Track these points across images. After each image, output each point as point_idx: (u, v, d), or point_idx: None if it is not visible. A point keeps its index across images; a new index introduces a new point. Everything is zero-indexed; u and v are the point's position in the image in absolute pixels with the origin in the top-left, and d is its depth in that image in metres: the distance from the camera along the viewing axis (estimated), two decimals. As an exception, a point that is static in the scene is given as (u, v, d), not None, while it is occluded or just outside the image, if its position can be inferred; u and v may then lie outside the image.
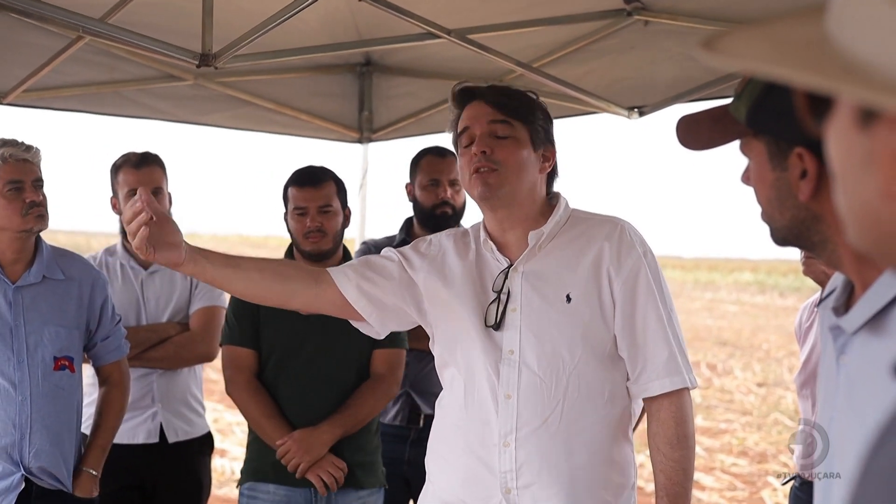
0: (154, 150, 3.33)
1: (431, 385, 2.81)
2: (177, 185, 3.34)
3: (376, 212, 4.86)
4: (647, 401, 2.03)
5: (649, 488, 6.20)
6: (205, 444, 3.40)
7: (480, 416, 2.02)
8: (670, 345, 1.99)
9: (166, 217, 1.84)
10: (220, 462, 7.13)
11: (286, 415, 2.81)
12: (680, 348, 2.01)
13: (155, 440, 3.22)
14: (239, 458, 6.99)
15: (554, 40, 3.50)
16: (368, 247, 3.34)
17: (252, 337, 2.85)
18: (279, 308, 2.23)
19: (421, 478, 2.20)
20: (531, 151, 2.03)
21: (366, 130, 4.44)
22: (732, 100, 1.12)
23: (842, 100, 0.70)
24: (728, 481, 7.30)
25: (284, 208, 2.95)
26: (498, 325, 2.01)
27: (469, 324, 2.03)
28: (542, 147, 2.05)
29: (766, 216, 1.11)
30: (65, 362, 2.69)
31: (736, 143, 1.14)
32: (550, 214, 2.05)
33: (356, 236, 4.31)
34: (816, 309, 3.11)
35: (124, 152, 3.33)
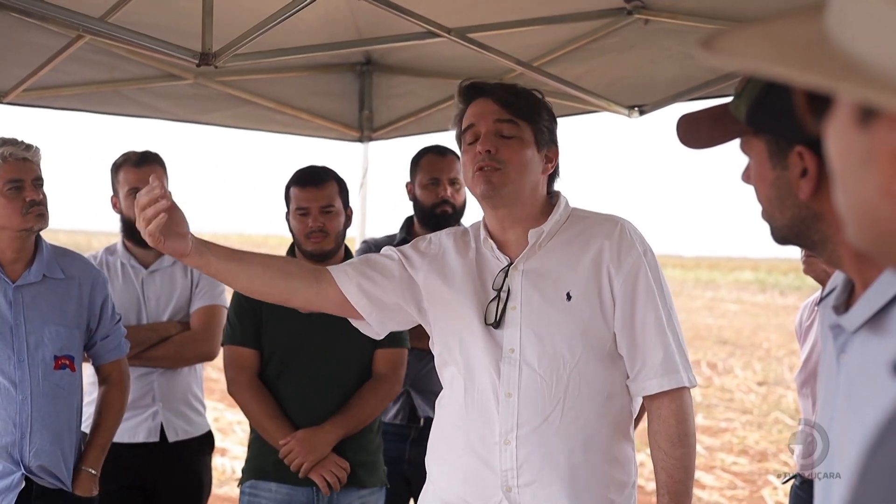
0: (154, 149, 3.34)
1: (431, 384, 2.81)
2: (177, 185, 3.34)
3: (377, 211, 4.87)
4: (646, 399, 2.03)
5: (649, 487, 6.21)
6: (205, 443, 3.40)
7: (481, 415, 2.01)
8: (669, 343, 1.99)
9: (176, 207, 1.84)
10: (220, 461, 7.13)
11: (288, 414, 2.81)
12: (679, 347, 2.01)
13: (155, 439, 3.22)
14: (239, 458, 6.99)
15: (554, 39, 3.50)
16: (369, 245, 3.34)
17: (254, 337, 2.85)
18: (281, 307, 2.23)
19: (421, 477, 2.20)
20: (535, 152, 2.03)
21: (366, 129, 4.44)
22: (733, 98, 1.12)
23: (841, 99, 0.69)
24: (728, 480, 7.30)
25: (286, 208, 2.95)
26: (498, 324, 2.01)
27: (470, 322, 2.03)
28: (546, 148, 2.05)
29: (766, 215, 1.11)
30: (65, 361, 2.69)
31: (736, 141, 1.14)
32: (550, 213, 2.05)
33: (357, 235, 4.30)
34: (817, 308, 3.11)
35: (125, 151, 3.34)
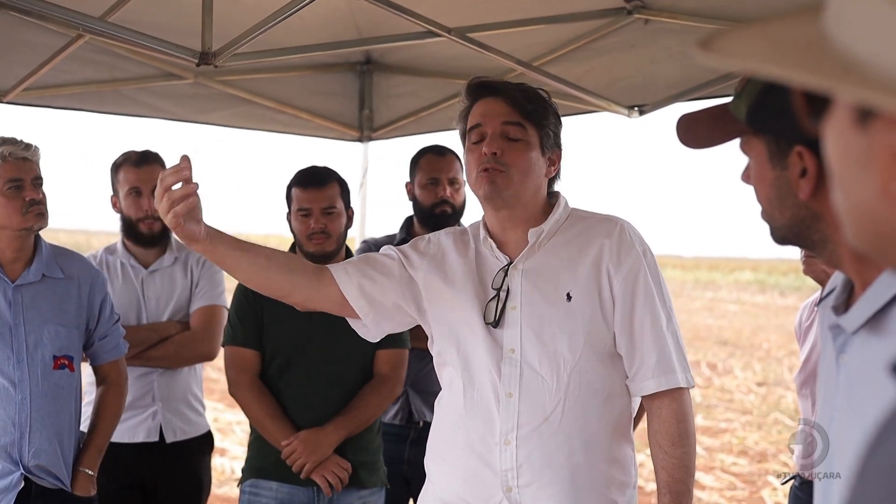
0: (154, 149, 3.33)
1: (431, 384, 2.81)
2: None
3: (377, 211, 4.87)
4: (646, 399, 2.03)
5: (649, 487, 6.20)
6: (205, 443, 3.39)
7: (481, 415, 2.01)
8: (668, 344, 1.99)
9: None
10: (220, 461, 7.13)
11: (289, 415, 2.81)
12: (678, 348, 2.01)
13: (155, 439, 3.22)
14: (239, 458, 6.99)
15: (554, 39, 3.49)
16: (369, 246, 3.33)
17: (255, 338, 2.85)
18: (282, 308, 2.22)
19: (421, 477, 2.20)
20: (539, 155, 2.02)
21: (366, 129, 4.44)
22: (733, 98, 1.12)
23: (839, 99, 0.69)
24: (728, 481, 7.30)
25: (287, 208, 2.94)
26: (497, 323, 2.01)
27: (470, 322, 2.03)
28: (550, 151, 2.05)
29: (766, 215, 1.11)
30: (64, 361, 2.68)
31: (736, 141, 1.14)
32: (550, 213, 2.05)
33: (356, 235, 4.30)
34: (816, 308, 3.11)
35: (125, 151, 3.34)
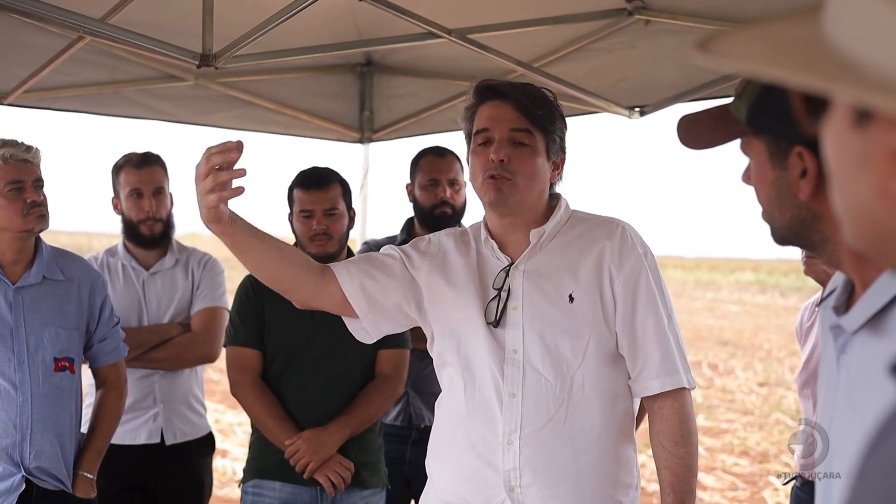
0: (155, 151, 3.33)
1: (432, 385, 2.80)
2: (178, 186, 3.34)
3: (377, 212, 4.87)
4: (647, 399, 2.03)
5: (650, 488, 6.20)
6: (206, 444, 3.39)
7: (483, 415, 2.01)
8: (669, 345, 1.99)
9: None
10: (221, 462, 7.13)
11: (291, 415, 2.81)
12: (679, 348, 2.01)
13: (156, 441, 3.22)
14: (240, 459, 6.98)
15: (555, 40, 3.50)
16: (370, 247, 3.33)
17: (257, 338, 2.85)
18: (283, 308, 2.21)
19: (422, 478, 2.20)
20: (545, 160, 2.02)
21: (366, 130, 4.44)
22: (733, 99, 1.12)
23: (838, 100, 0.69)
24: (730, 481, 7.29)
25: (289, 210, 2.94)
26: (497, 323, 2.01)
27: (472, 322, 2.03)
28: (555, 155, 2.05)
29: (766, 215, 1.11)
30: (65, 363, 2.68)
31: (736, 142, 1.14)
32: (551, 215, 2.05)
33: (357, 236, 4.30)
34: (817, 308, 3.11)
35: (125, 153, 3.34)
